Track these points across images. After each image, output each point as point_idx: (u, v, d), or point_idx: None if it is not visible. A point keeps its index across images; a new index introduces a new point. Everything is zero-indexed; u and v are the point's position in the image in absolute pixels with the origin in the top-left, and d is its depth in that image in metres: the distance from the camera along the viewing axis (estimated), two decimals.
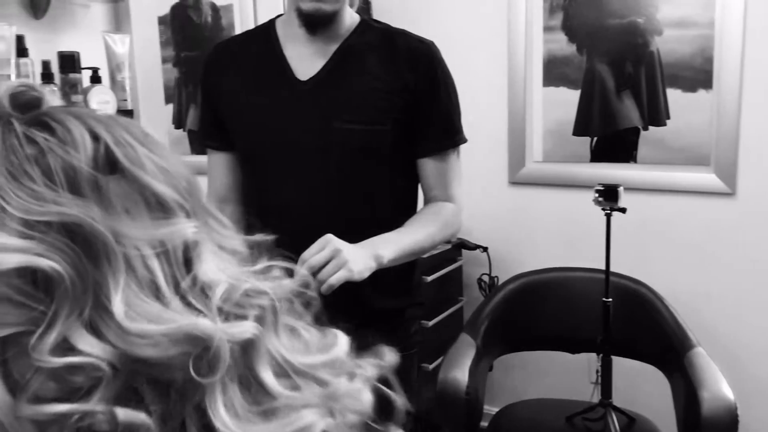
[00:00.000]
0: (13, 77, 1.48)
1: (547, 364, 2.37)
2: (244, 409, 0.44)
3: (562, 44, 2.26)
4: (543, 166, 2.35)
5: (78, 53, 1.61)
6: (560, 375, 2.36)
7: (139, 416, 0.40)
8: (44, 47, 1.62)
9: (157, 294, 0.42)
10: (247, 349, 0.45)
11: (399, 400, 0.55)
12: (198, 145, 2.83)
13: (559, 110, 2.30)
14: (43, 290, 0.39)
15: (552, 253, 2.32)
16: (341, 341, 0.54)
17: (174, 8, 2.88)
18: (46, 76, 1.56)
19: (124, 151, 0.44)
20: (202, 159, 1.41)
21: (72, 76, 1.57)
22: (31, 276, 0.39)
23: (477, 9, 2.38)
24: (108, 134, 0.44)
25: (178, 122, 2.77)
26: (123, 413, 0.40)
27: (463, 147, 1.34)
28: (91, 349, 0.39)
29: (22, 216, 0.39)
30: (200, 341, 0.42)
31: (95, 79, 1.67)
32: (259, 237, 0.54)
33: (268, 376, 0.46)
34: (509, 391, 2.40)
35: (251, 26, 2.78)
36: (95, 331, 0.40)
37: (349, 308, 1.17)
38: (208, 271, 0.45)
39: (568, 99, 2.27)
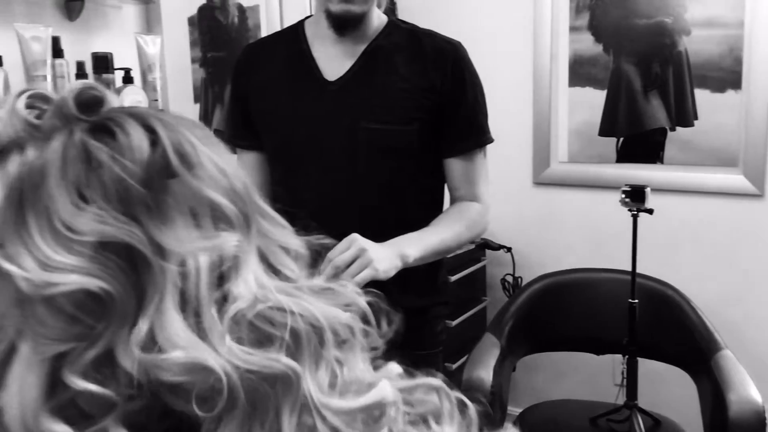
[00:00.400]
0: (48, 78, 1.52)
1: (570, 365, 2.37)
2: None
3: (589, 44, 2.25)
4: (568, 167, 2.35)
5: (111, 54, 1.64)
6: (583, 376, 2.35)
7: None
8: (79, 48, 1.66)
9: (184, 313, 0.41)
10: (273, 383, 0.41)
11: None
12: (225, 145, 2.86)
13: (585, 110, 2.29)
14: (92, 309, 0.40)
15: (576, 254, 2.32)
16: (385, 385, 0.46)
17: (201, 9, 2.92)
18: (81, 77, 1.60)
19: (182, 156, 0.44)
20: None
21: (105, 76, 1.61)
22: (83, 295, 0.40)
23: (502, 9, 2.38)
24: (168, 138, 0.44)
25: (205, 122, 2.81)
26: None
27: (487, 147, 1.34)
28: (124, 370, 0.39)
29: (76, 237, 0.40)
30: (202, 372, 0.39)
31: (127, 79, 1.70)
32: (315, 239, 0.52)
33: (287, 422, 0.41)
34: (532, 391, 2.39)
35: (277, 27, 2.81)
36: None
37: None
38: (240, 285, 0.42)
39: (594, 99, 2.26)
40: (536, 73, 2.34)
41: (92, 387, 0.39)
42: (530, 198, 2.43)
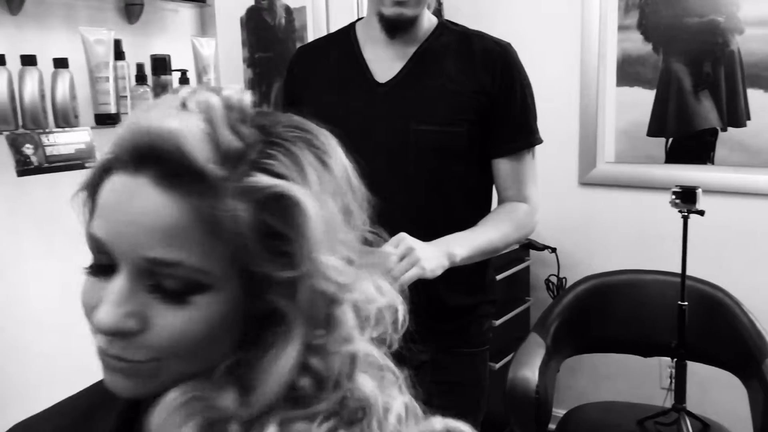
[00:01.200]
0: (110, 79, 1.58)
1: (615, 367, 2.35)
2: None
3: (638, 43, 2.23)
4: (615, 167, 2.32)
5: (169, 56, 1.70)
6: (629, 379, 2.33)
7: None
8: (138, 51, 1.72)
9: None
10: None
11: None
12: None
13: (633, 110, 2.26)
14: None
15: (623, 256, 2.29)
16: None
17: (249, 11, 2.98)
18: (140, 78, 1.66)
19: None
20: None
21: (163, 77, 1.66)
22: None
23: (549, 8, 2.37)
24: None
25: None
26: None
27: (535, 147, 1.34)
28: None
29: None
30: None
31: (184, 80, 1.76)
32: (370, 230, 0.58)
33: None
34: (576, 393, 2.38)
35: (323, 28, 2.85)
36: None
37: (423, 305, 1.21)
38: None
39: (643, 99, 2.24)
40: (583, 72, 2.32)
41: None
42: (576, 198, 2.42)
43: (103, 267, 0.49)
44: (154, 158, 0.47)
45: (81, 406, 0.59)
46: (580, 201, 2.42)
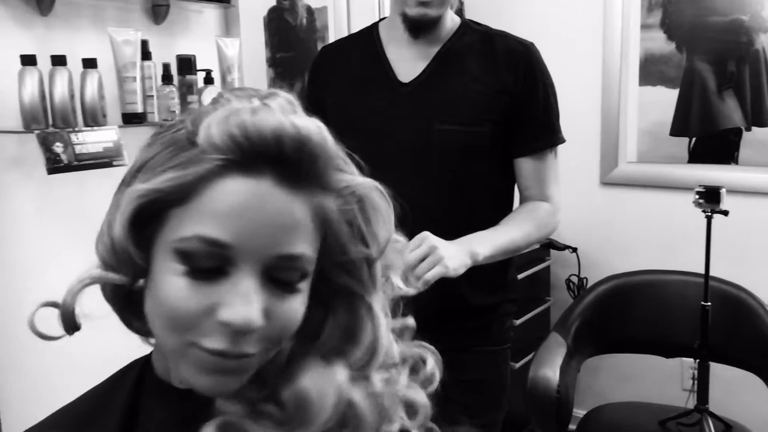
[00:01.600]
0: (137, 79, 1.61)
1: (636, 367, 2.33)
2: None
3: (661, 42, 2.22)
4: (637, 167, 2.31)
5: (194, 56, 1.72)
6: (650, 380, 2.32)
7: None
8: (164, 51, 1.75)
9: None
10: None
11: None
12: None
13: (656, 110, 2.25)
14: None
15: (644, 256, 2.28)
16: None
17: (271, 11, 3.00)
18: (166, 78, 1.68)
19: None
20: None
21: (188, 77, 1.69)
22: None
23: (571, 8, 2.37)
24: None
25: None
26: None
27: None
28: None
29: None
30: None
31: (208, 80, 1.78)
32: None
33: None
34: (597, 394, 2.37)
35: (344, 28, 2.87)
36: None
37: (446, 304, 1.22)
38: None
39: (666, 98, 2.22)
40: (605, 72, 2.31)
41: None
42: (597, 198, 2.41)
43: (206, 270, 0.49)
44: (278, 159, 0.49)
45: (79, 413, 0.59)
46: (602, 201, 2.41)
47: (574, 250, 2.41)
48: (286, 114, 0.50)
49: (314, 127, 0.50)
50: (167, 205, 0.50)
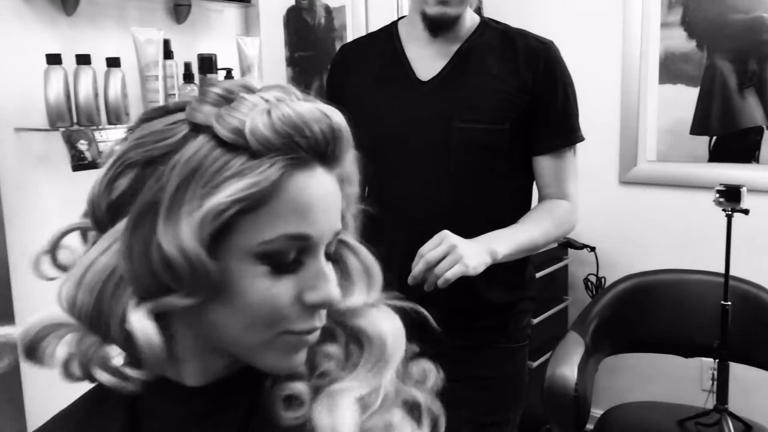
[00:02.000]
0: (159, 77, 1.63)
1: (655, 367, 2.32)
2: None
3: (681, 40, 2.20)
4: (657, 166, 2.30)
5: (215, 55, 1.74)
6: (669, 379, 2.31)
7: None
8: (185, 50, 1.77)
9: None
10: None
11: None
12: None
13: (676, 108, 2.24)
14: None
15: (664, 255, 2.27)
16: None
17: (289, 10, 3.02)
18: (188, 77, 1.71)
19: None
20: None
21: (209, 76, 1.71)
22: None
23: (590, 6, 2.36)
24: None
25: None
26: None
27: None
28: None
29: None
30: None
31: (229, 78, 1.80)
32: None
33: None
34: (615, 393, 2.36)
35: (362, 27, 2.88)
36: None
37: (464, 301, 1.22)
38: None
39: (686, 97, 2.21)
40: (625, 70, 2.30)
41: None
42: (616, 197, 2.40)
43: (287, 264, 0.52)
44: (321, 147, 0.52)
45: (76, 416, 0.60)
46: (621, 200, 2.40)
47: (593, 249, 2.40)
48: (305, 103, 0.53)
49: (338, 112, 0.53)
50: (238, 214, 0.49)
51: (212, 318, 0.52)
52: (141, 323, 0.49)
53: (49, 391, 1.55)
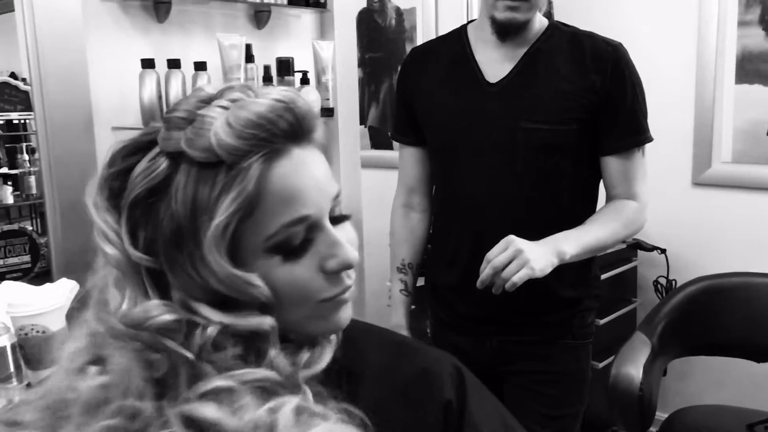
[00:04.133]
0: (241, 80, 1.73)
1: (724, 371, 2.27)
2: None
3: (759, 39, 2.15)
4: (732, 167, 2.25)
5: (292, 58, 1.84)
6: (739, 384, 2.25)
7: None
8: (265, 54, 1.87)
9: None
10: None
11: None
12: (380, 141, 3.04)
13: (753, 108, 2.18)
14: None
15: (737, 258, 2.22)
16: None
17: (361, 13, 3.11)
18: (267, 79, 1.81)
19: None
20: (380, 154, 1.54)
21: (287, 78, 1.80)
22: None
23: (664, 5, 2.33)
24: None
25: (360, 119, 2.99)
26: None
27: (646, 145, 1.35)
28: None
29: None
30: None
31: (304, 80, 1.89)
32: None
33: None
34: (682, 397, 2.33)
35: (432, 28, 2.93)
36: None
37: (530, 296, 1.26)
38: None
39: (764, 97, 2.15)
40: (699, 69, 2.26)
41: None
42: (689, 199, 2.36)
43: (298, 246, 0.56)
44: (290, 129, 0.55)
45: None
46: (693, 202, 2.35)
47: (663, 251, 2.37)
48: (260, 99, 0.55)
49: (296, 94, 0.57)
50: (239, 222, 0.53)
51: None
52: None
53: None
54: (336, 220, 0.59)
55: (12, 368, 0.95)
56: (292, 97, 0.56)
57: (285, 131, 0.55)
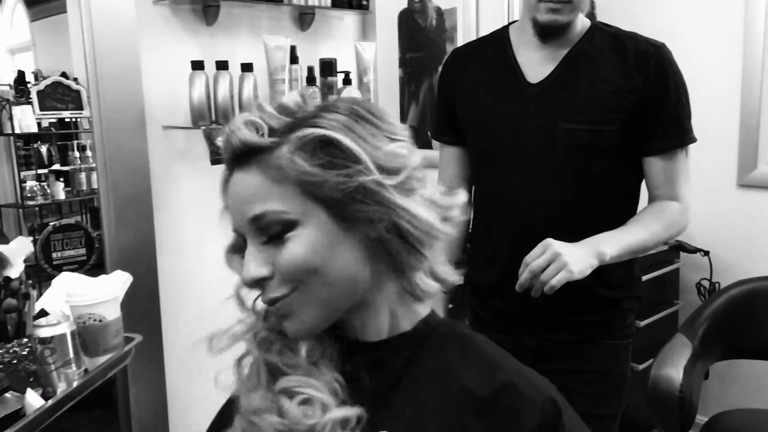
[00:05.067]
0: (286, 81, 1.78)
1: (765, 375, 2.23)
2: None
3: None
4: None
5: (335, 59, 1.87)
6: None
7: None
8: (308, 55, 1.91)
9: None
10: None
11: None
12: (419, 140, 3.05)
13: None
14: None
15: None
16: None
17: (402, 13, 3.12)
18: (310, 80, 1.85)
19: None
20: (420, 153, 1.54)
21: (329, 79, 1.84)
22: None
23: (709, 5, 2.29)
24: None
25: (401, 118, 3.01)
26: None
27: (689, 146, 1.34)
28: None
29: None
30: None
31: (347, 81, 1.93)
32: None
33: None
34: (724, 401, 2.29)
35: (473, 29, 2.93)
36: None
37: (570, 296, 1.26)
38: None
39: None
40: (746, 68, 2.22)
41: None
42: (733, 201, 2.32)
43: (239, 246, 0.68)
44: (237, 154, 0.65)
45: None
46: (738, 203, 2.32)
47: (706, 253, 2.33)
48: (237, 121, 0.66)
49: (238, 126, 0.65)
50: None
51: None
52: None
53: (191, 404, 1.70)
54: (275, 239, 0.65)
55: (71, 354, 1.00)
56: (232, 127, 0.65)
57: (228, 156, 0.66)
